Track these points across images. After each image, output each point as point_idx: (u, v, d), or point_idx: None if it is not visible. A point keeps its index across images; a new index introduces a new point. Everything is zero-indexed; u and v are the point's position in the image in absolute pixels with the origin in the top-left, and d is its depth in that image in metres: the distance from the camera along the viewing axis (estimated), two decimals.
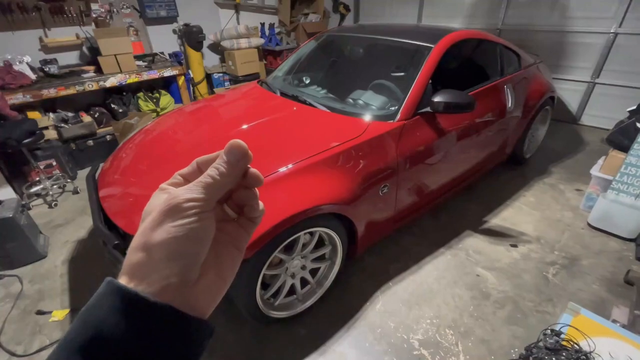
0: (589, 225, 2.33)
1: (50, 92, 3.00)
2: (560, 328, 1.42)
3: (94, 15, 3.46)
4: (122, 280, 0.26)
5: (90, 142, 3.31)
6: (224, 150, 0.29)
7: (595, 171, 2.36)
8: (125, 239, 1.43)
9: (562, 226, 2.35)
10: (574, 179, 2.89)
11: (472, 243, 2.20)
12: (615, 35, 3.56)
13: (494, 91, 2.31)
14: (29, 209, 2.69)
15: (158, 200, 0.29)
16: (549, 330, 1.42)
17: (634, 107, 2.58)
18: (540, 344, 1.38)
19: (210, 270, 0.29)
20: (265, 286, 1.55)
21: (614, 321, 1.58)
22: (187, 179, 0.31)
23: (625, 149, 2.21)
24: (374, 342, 1.61)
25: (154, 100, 3.79)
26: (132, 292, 0.24)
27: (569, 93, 4.10)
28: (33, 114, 3.06)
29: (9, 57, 3.00)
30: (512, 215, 2.47)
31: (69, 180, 3.01)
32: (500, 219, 2.44)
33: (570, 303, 1.57)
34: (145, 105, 3.73)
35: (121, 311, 0.24)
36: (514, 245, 2.17)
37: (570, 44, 3.90)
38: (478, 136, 2.21)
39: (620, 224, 2.19)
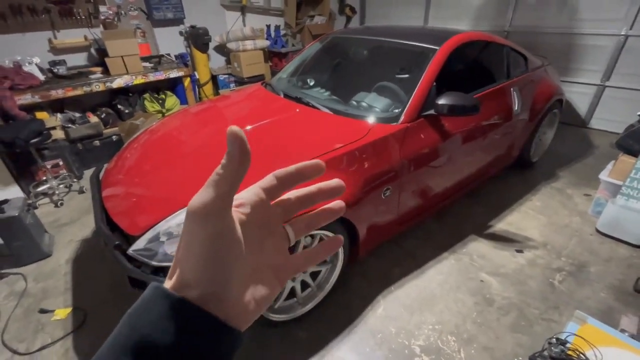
0: (598, 231, 2.27)
1: (58, 93, 3.05)
2: (566, 337, 1.38)
3: (102, 17, 3.50)
4: (167, 284, 0.26)
5: (97, 142, 3.35)
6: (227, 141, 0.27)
7: (604, 176, 2.31)
8: (127, 239, 1.43)
9: (569, 232, 2.30)
10: (582, 184, 2.84)
11: (477, 248, 2.17)
12: (626, 38, 3.49)
13: (499, 94, 2.28)
14: (36, 207, 2.72)
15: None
16: (554, 339, 1.39)
17: None
18: (545, 352, 1.34)
19: (248, 291, 0.28)
20: None
21: (622, 331, 1.53)
22: (267, 193, 0.31)
23: (635, 153, 2.16)
24: (374, 347, 1.58)
25: (160, 101, 3.82)
26: (179, 298, 0.25)
27: (578, 96, 4.03)
28: (41, 114, 3.11)
29: (19, 58, 3.05)
30: (518, 219, 2.43)
31: (75, 179, 3.05)
32: (505, 223, 2.40)
33: (577, 311, 1.53)
34: (151, 106, 3.77)
35: (169, 317, 0.24)
36: (520, 251, 2.13)
37: (579, 46, 3.84)
38: (483, 139, 2.18)
39: (630, 230, 2.14)
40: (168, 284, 0.26)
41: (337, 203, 0.34)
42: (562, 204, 2.60)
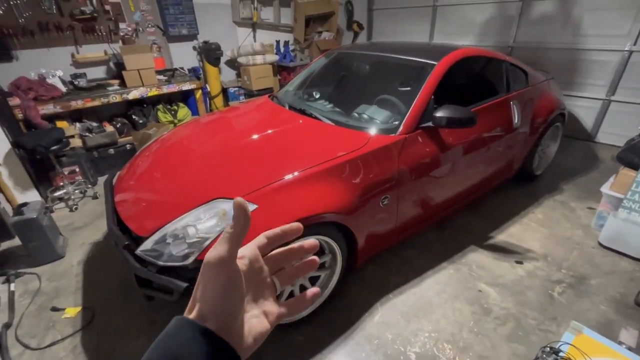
0: (600, 244, 2.27)
1: (77, 104, 3.23)
2: (560, 346, 1.39)
3: (122, 34, 3.72)
4: (195, 312, 0.33)
5: (111, 151, 3.51)
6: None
7: (605, 189, 2.32)
8: (136, 241, 1.52)
9: (571, 244, 2.30)
10: (586, 197, 2.83)
11: (476, 258, 2.18)
12: (630, 53, 3.52)
13: (499, 107, 2.34)
14: (52, 211, 2.86)
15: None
16: (548, 348, 1.39)
17: None
18: None
19: (248, 327, 0.35)
20: None
21: (620, 343, 1.53)
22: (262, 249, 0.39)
23: (635, 166, 2.17)
24: (370, 352, 1.61)
25: (172, 112, 3.99)
26: (204, 327, 0.31)
27: (584, 110, 4.04)
28: (61, 124, 3.29)
29: (44, 71, 3.26)
30: (519, 231, 2.44)
31: (89, 186, 3.19)
32: (506, 235, 2.41)
33: (573, 322, 1.53)
34: (163, 116, 3.93)
35: (197, 341, 0.30)
36: (520, 262, 2.14)
37: (583, 62, 3.88)
38: (482, 152, 2.22)
39: (633, 244, 2.13)
40: (189, 316, 0.32)
41: (309, 242, 0.43)
42: (565, 216, 2.60)
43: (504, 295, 1.90)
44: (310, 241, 0.42)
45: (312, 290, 0.43)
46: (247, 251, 0.37)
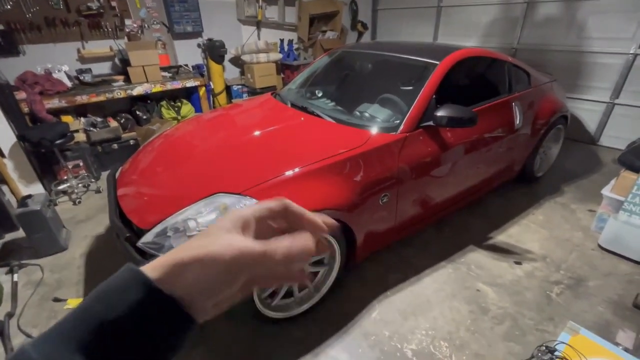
0: (600, 246, 2.26)
1: (83, 99, 3.26)
2: (556, 345, 1.40)
3: (127, 30, 3.76)
4: (150, 269, 0.28)
5: (115, 146, 3.54)
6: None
7: (606, 191, 2.31)
8: (137, 234, 1.54)
9: (570, 246, 2.30)
10: (587, 199, 2.82)
11: (475, 258, 2.19)
12: (634, 57, 3.50)
13: (500, 108, 2.34)
14: (56, 204, 2.89)
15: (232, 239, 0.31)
16: (543, 347, 1.40)
17: None
18: None
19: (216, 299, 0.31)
20: None
21: (617, 344, 1.53)
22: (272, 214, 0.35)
23: (637, 169, 2.17)
24: (367, 349, 1.62)
25: (176, 108, 4.02)
26: (157, 288, 0.27)
27: (587, 113, 4.02)
28: (66, 118, 3.33)
29: (50, 66, 3.29)
30: (518, 232, 2.44)
31: (93, 180, 3.22)
32: (506, 235, 2.41)
33: (570, 322, 1.54)
34: (167, 113, 3.96)
35: (145, 304, 0.26)
36: (518, 263, 2.14)
37: (587, 64, 3.87)
38: (483, 152, 2.23)
39: (632, 247, 2.12)
40: (152, 270, 0.28)
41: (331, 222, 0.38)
42: (565, 218, 2.60)
43: (501, 295, 1.91)
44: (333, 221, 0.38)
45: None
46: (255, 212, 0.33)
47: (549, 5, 4.00)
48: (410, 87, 2.12)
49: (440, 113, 1.84)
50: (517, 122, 2.41)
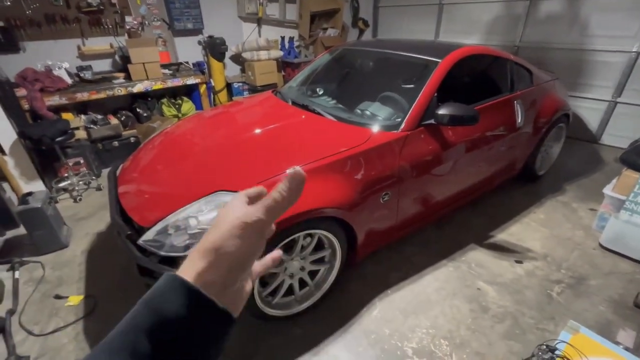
0: (601, 245, 2.26)
1: (83, 96, 3.26)
2: (556, 344, 1.40)
3: (128, 27, 3.74)
4: (186, 271, 0.31)
5: (116, 143, 3.54)
6: (286, 177, 0.33)
7: (608, 190, 2.31)
8: (138, 231, 1.54)
9: (571, 245, 2.29)
10: (588, 198, 2.82)
11: (476, 256, 2.19)
12: (637, 55, 3.48)
13: (502, 106, 2.33)
14: (56, 202, 2.89)
15: (233, 212, 0.32)
16: (544, 346, 1.40)
17: None
18: (534, 359, 1.36)
19: (238, 286, 0.33)
20: (263, 284, 1.62)
21: (618, 343, 1.53)
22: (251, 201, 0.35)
23: (638, 168, 2.16)
24: (367, 347, 1.62)
25: (177, 106, 4.01)
26: (197, 289, 0.29)
27: (588, 111, 4.01)
28: (67, 115, 3.32)
29: (50, 63, 3.28)
30: (519, 231, 2.44)
31: (93, 177, 3.22)
32: (506, 234, 2.41)
33: (570, 321, 1.54)
34: (167, 110, 3.96)
35: (185, 305, 0.28)
36: (519, 261, 2.14)
37: (590, 62, 3.84)
38: (484, 150, 2.22)
39: (633, 246, 2.12)
40: (185, 274, 0.30)
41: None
42: (566, 217, 2.59)
43: (502, 293, 1.91)
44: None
45: (275, 253, 0.42)
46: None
47: (552, 3, 3.97)
48: (412, 85, 2.11)
49: (441, 111, 1.83)
50: (519, 120, 2.40)
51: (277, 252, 0.42)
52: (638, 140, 2.41)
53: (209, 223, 1.41)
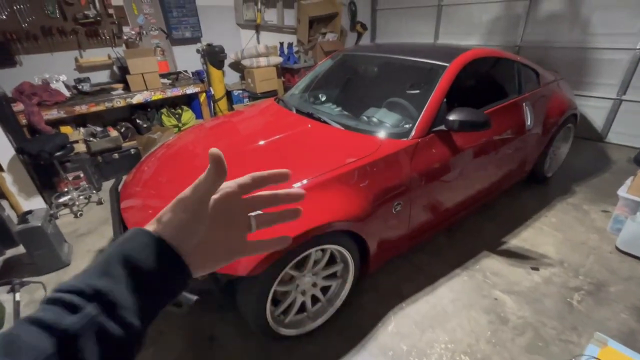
0: (617, 249, 2.20)
1: (82, 109, 3.20)
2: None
3: (125, 37, 3.70)
4: (153, 225, 0.38)
5: (116, 155, 3.48)
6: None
7: (623, 192, 2.25)
8: None
9: (587, 249, 2.24)
10: (599, 200, 2.76)
11: (490, 264, 2.13)
12: None
13: (511, 109, 2.28)
14: (57, 218, 2.83)
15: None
16: None
17: None
18: None
19: (201, 251, 0.39)
20: (275, 303, 1.55)
21: None
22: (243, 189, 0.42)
23: None
24: None
25: (177, 115, 3.96)
26: (159, 237, 0.36)
27: (593, 110, 3.97)
28: (65, 129, 3.27)
29: (47, 76, 3.23)
30: (532, 236, 2.38)
31: (94, 191, 3.16)
32: (519, 239, 2.35)
33: (597, 333, 1.47)
34: (168, 120, 3.90)
35: (149, 246, 0.35)
36: (535, 268, 2.08)
37: (593, 60, 3.81)
38: (495, 154, 2.17)
39: None
40: (148, 227, 0.38)
41: (296, 190, 0.44)
42: (579, 220, 2.54)
43: (520, 303, 1.84)
44: (297, 190, 0.43)
45: (281, 237, 0.45)
46: (226, 186, 0.40)
47: (553, 2, 3.94)
48: (419, 91, 2.06)
49: (452, 117, 1.78)
50: (529, 122, 2.35)
51: (283, 237, 0.45)
52: None
53: None
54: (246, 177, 0.41)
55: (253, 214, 0.42)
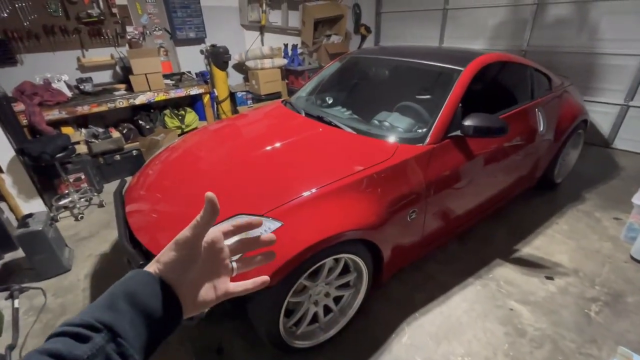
0: (632, 258, 2.16)
1: (83, 109, 3.14)
2: None
3: (129, 37, 3.64)
4: (153, 266, 0.42)
5: (118, 157, 3.41)
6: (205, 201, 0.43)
7: (637, 200, 2.21)
8: (147, 256, 1.42)
9: (601, 258, 2.19)
10: (610, 207, 2.73)
11: (503, 273, 2.08)
12: None
13: (524, 114, 2.24)
14: (57, 221, 2.76)
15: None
16: None
17: None
18: None
19: (193, 292, 0.43)
20: (287, 314, 1.49)
21: None
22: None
23: None
24: None
25: (180, 117, 3.90)
26: (159, 276, 0.41)
27: (600, 115, 3.94)
28: (67, 129, 3.20)
29: (49, 75, 3.17)
30: (544, 243, 2.33)
31: (95, 193, 3.09)
32: (531, 247, 2.30)
33: (621, 347, 1.43)
34: (171, 122, 3.84)
35: (150, 284, 0.40)
36: (550, 278, 2.03)
37: (600, 66, 3.79)
38: (507, 160, 2.13)
39: None
40: (148, 268, 0.42)
41: (268, 236, 0.50)
42: (591, 227, 2.50)
43: (537, 314, 1.79)
44: (268, 235, 0.49)
45: (260, 278, 0.48)
46: (211, 234, 0.44)
47: (560, 6, 3.92)
48: (432, 95, 2.02)
49: (468, 122, 1.73)
50: (541, 128, 2.32)
51: (261, 278, 0.48)
52: None
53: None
54: (227, 225, 0.46)
55: (234, 258, 0.47)
